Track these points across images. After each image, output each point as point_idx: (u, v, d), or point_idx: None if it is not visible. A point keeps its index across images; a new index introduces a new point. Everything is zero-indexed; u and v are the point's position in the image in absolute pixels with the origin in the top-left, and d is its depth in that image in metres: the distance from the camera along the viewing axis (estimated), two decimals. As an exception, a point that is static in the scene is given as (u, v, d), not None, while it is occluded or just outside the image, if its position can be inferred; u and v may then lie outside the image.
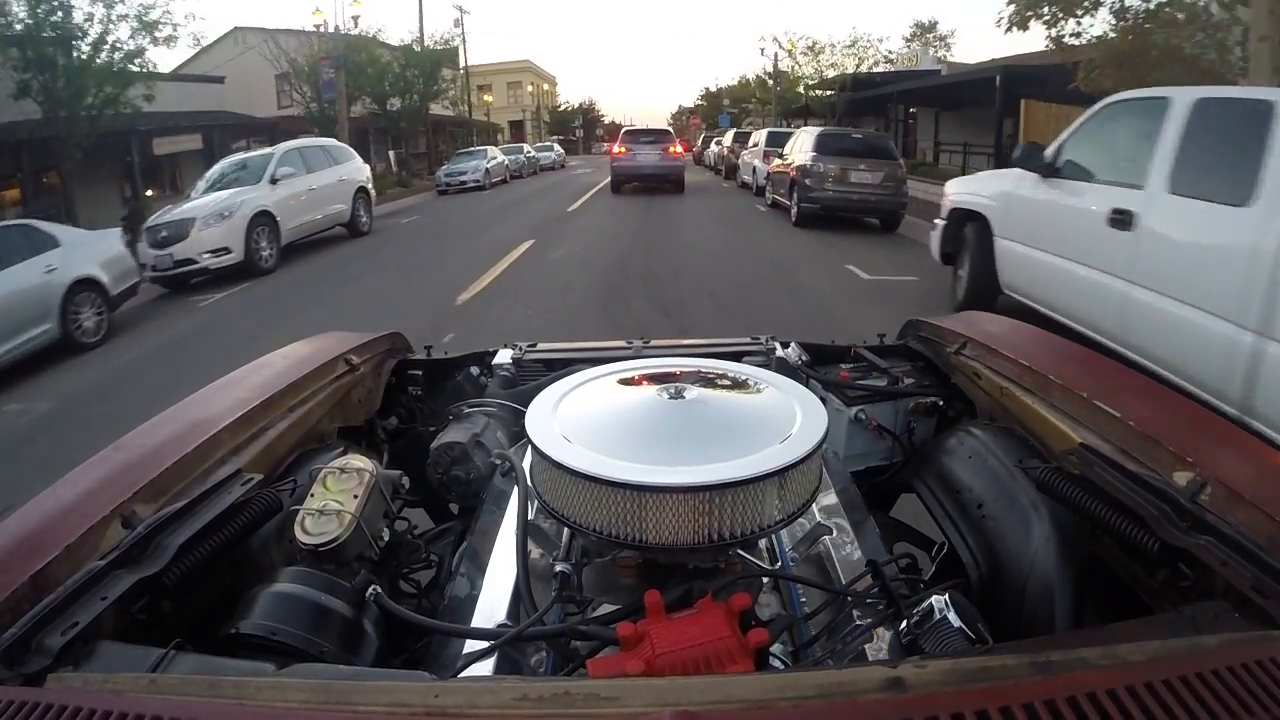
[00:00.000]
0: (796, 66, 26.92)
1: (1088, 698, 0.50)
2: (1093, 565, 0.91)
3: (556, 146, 35.50)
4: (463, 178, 19.83)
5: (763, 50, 29.14)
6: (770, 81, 29.93)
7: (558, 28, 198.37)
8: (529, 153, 28.23)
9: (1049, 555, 0.89)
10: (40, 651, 0.64)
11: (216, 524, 0.86)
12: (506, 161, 23.22)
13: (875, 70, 24.90)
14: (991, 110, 15.22)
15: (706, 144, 29.72)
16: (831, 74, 25.23)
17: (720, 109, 43.03)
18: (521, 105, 49.77)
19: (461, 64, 29.70)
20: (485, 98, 41.82)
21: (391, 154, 24.04)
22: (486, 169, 20.47)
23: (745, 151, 17.56)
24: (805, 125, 17.36)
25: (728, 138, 22.62)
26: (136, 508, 0.83)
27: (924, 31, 23.08)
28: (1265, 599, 0.65)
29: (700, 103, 58.86)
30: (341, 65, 17.79)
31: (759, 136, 16.40)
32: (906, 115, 21.38)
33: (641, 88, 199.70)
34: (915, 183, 11.68)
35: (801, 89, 26.79)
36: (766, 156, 14.25)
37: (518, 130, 47.38)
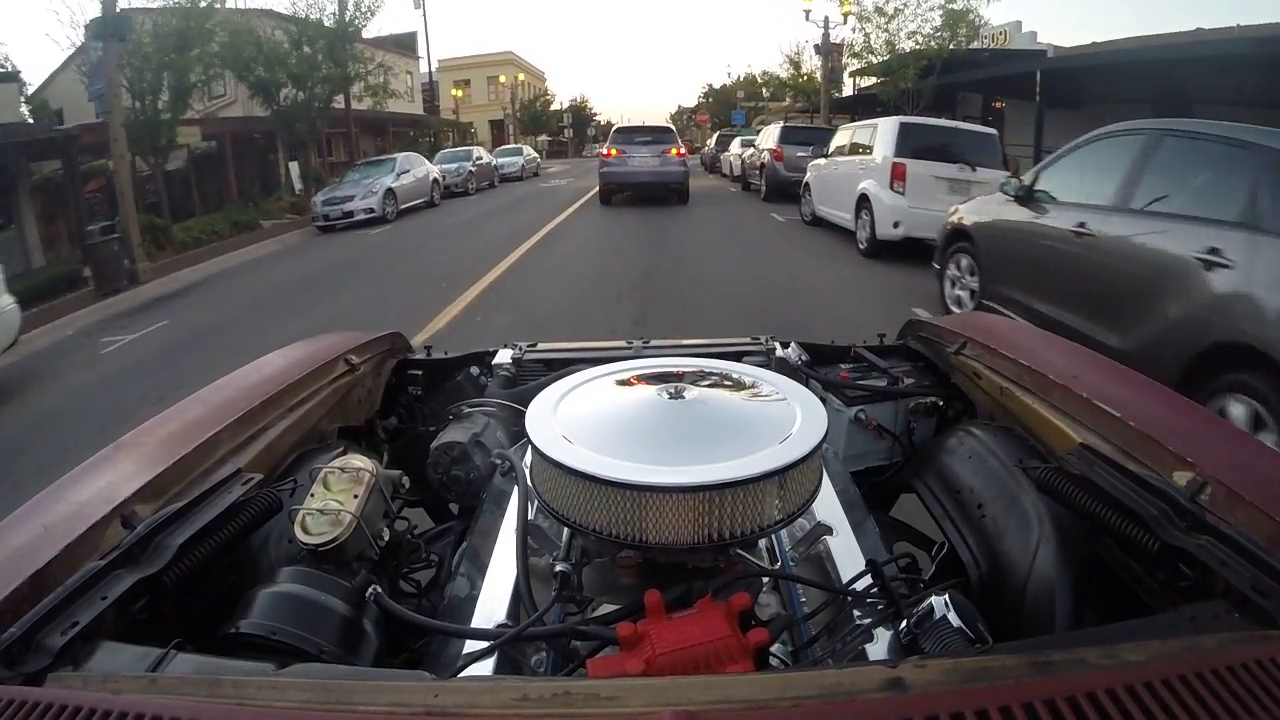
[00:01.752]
0: (866, 35, 18.15)
1: (1088, 698, 0.50)
2: (1093, 565, 0.91)
3: (527, 149, 27.72)
4: (348, 206, 13.02)
5: (808, 14, 20.84)
6: (812, 61, 22.93)
7: (548, 23, 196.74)
8: (481, 159, 20.21)
9: (1049, 555, 0.89)
10: (40, 651, 0.64)
11: (216, 524, 0.86)
12: (437, 174, 16.25)
13: (974, 47, 17.13)
14: (1140, 109, 9.62)
15: (724, 144, 22.66)
16: (909, 47, 17.16)
17: (732, 104, 40.23)
18: (503, 103, 42.80)
19: (422, 52, 25.39)
20: (455, 92, 37.32)
21: (294, 166, 16.98)
22: (389, 190, 13.52)
23: (823, 163, 9.78)
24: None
25: (769, 137, 14.30)
26: (136, 507, 0.83)
27: (956, 21, 19.53)
28: (1265, 599, 0.65)
29: (704, 99, 56.74)
30: (112, 36, 10.15)
31: (876, 134, 8.08)
32: (988, 111, 15.39)
33: (637, 88, 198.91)
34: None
35: (851, 71, 20.10)
36: (899, 176, 7.35)
37: (499, 130, 41.14)
